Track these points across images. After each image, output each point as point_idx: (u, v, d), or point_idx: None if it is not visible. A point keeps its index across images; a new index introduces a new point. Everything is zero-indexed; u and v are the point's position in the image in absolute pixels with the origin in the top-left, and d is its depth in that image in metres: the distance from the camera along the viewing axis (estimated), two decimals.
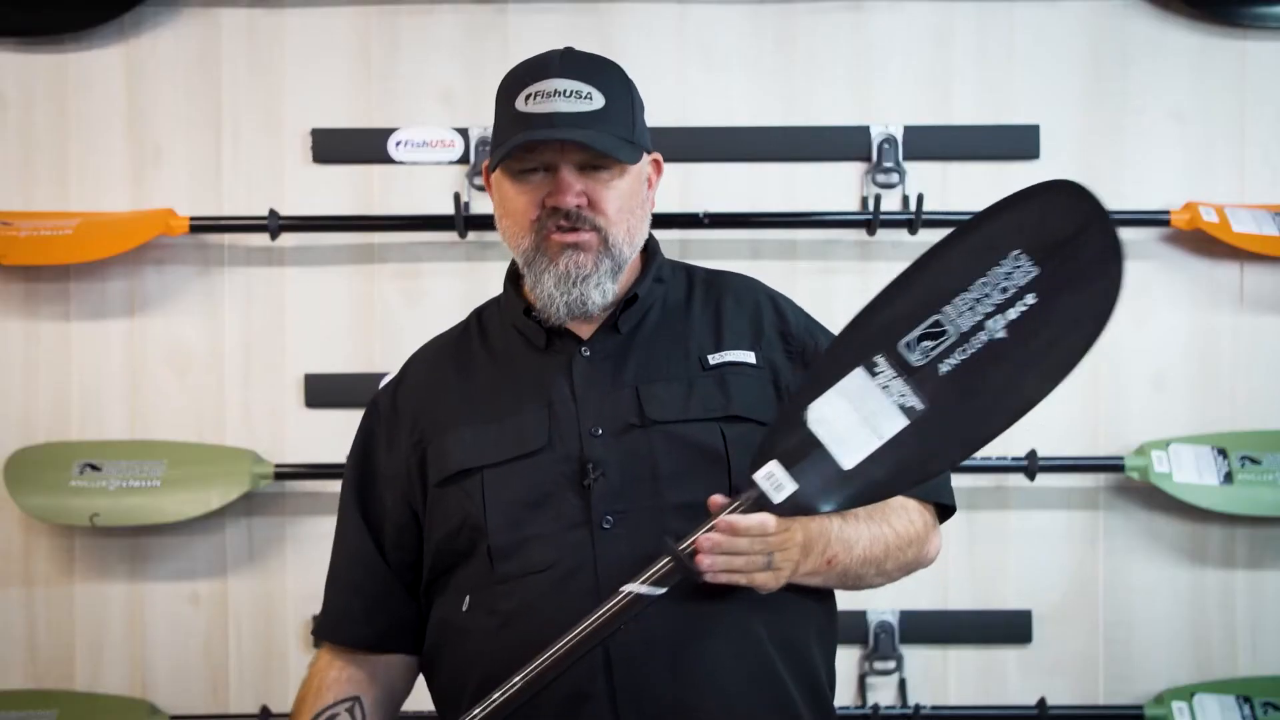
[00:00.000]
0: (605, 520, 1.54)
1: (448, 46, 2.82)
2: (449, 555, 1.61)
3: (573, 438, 1.58)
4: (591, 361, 1.63)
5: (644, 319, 1.66)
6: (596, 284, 1.59)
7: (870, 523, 1.60)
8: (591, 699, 1.50)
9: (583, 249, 1.58)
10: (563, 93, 1.57)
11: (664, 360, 1.63)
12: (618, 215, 1.59)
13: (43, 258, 2.69)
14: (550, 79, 1.58)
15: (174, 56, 2.82)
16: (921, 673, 2.81)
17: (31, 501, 2.72)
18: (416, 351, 1.77)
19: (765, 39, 2.82)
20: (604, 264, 1.59)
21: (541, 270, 1.59)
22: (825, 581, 1.58)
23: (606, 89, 1.59)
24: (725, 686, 1.52)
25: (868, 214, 2.72)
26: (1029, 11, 2.81)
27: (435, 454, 1.63)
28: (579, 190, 1.57)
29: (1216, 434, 2.77)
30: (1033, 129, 2.80)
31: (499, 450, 1.59)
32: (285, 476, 2.75)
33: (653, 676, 1.50)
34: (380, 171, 2.81)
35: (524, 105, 1.57)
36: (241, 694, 2.82)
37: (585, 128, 1.56)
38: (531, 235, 1.59)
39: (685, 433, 1.58)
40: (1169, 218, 2.72)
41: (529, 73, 1.60)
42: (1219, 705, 2.73)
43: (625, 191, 1.60)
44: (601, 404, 1.60)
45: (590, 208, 1.58)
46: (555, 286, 1.58)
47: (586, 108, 1.57)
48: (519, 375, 1.65)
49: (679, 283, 1.72)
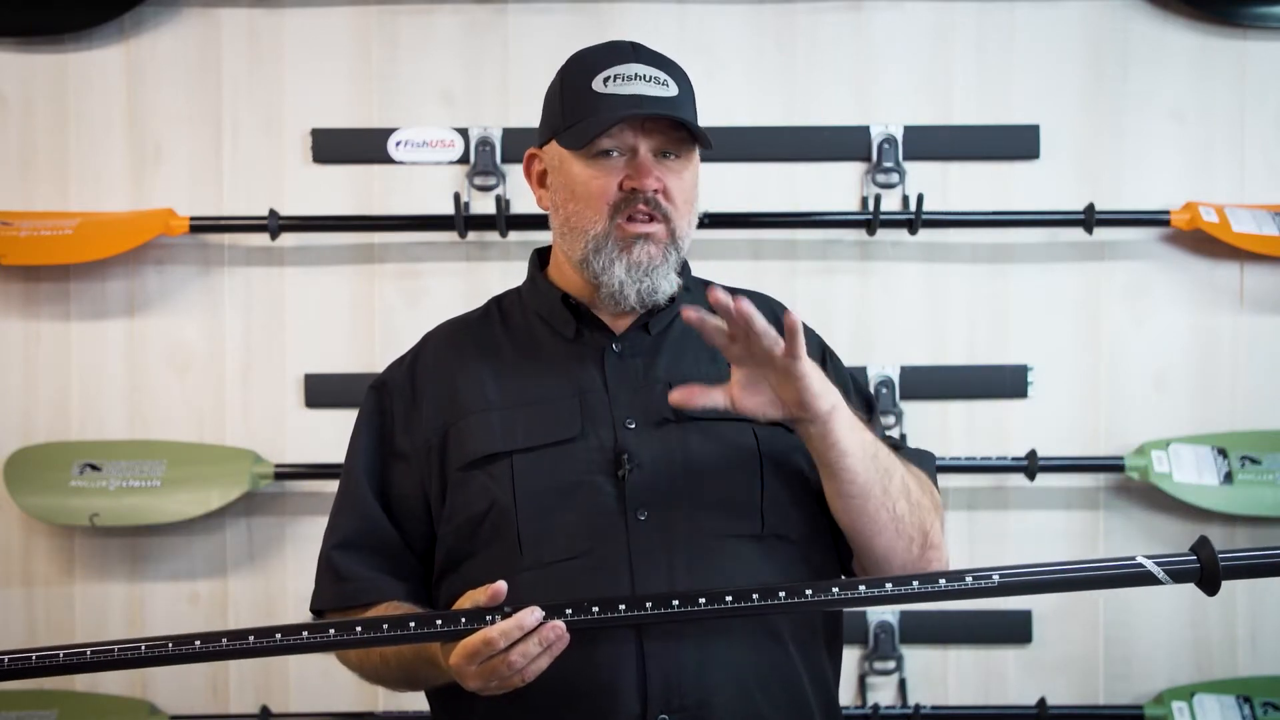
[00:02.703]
0: (640, 512, 1.54)
1: (448, 46, 2.82)
2: (469, 541, 1.59)
3: (606, 428, 1.58)
4: (622, 357, 1.63)
5: (671, 323, 1.67)
6: (665, 275, 1.62)
7: (885, 450, 1.57)
8: (622, 691, 1.50)
9: (653, 240, 1.60)
10: (643, 77, 1.60)
11: (693, 362, 1.64)
12: (684, 206, 1.63)
13: (43, 258, 2.69)
14: (631, 63, 1.60)
15: (174, 56, 2.82)
16: (921, 673, 2.81)
17: (31, 501, 2.72)
18: (432, 330, 1.76)
19: (765, 39, 2.82)
20: (671, 256, 1.62)
21: (613, 259, 1.60)
22: (846, 453, 1.51)
23: (679, 80, 1.63)
24: (749, 684, 1.52)
25: (868, 214, 2.72)
26: (1029, 11, 2.81)
27: (458, 436, 1.61)
28: (657, 176, 1.59)
29: (1216, 434, 2.77)
30: (1033, 129, 2.80)
31: (529, 436, 1.59)
32: (285, 476, 2.75)
33: (681, 671, 1.51)
34: (380, 171, 2.81)
35: (604, 87, 1.59)
36: (241, 694, 2.82)
37: (669, 112, 1.59)
38: (606, 220, 1.60)
39: (719, 430, 1.59)
40: (1169, 218, 2.72)
41: (606, 57, 1.62)
42: (1219, 705, 2.73)
43: (690, 183, 1.64)
44: (634, 397, 1.60)
45: (663, 194, 1.60)
46: (627, 274, 1.60)
47: (666, 93, 1.60)
48: (546, 362, 1.65)
49: (701, 294, 1.72)
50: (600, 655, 1.50)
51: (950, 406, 2.80)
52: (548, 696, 1.51)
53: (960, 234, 2.80)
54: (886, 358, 2.79)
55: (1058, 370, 2.80)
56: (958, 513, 2.79)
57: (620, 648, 1.50)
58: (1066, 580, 1.46)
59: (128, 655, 1.44)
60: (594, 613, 1.43)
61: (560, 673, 1.50)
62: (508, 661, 1.39)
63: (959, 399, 2.80)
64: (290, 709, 2.80)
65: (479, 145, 2.78)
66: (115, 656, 1.44)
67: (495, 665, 1.40)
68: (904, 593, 1.45)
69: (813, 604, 1.45)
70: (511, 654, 1.39)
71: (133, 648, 1.44)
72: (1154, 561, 1.42)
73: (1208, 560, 1.42)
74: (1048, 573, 1.46)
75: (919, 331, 2.81)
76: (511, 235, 2.76)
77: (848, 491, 1.53)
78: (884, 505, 1.54)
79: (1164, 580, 1.42)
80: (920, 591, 1.44)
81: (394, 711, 2.78)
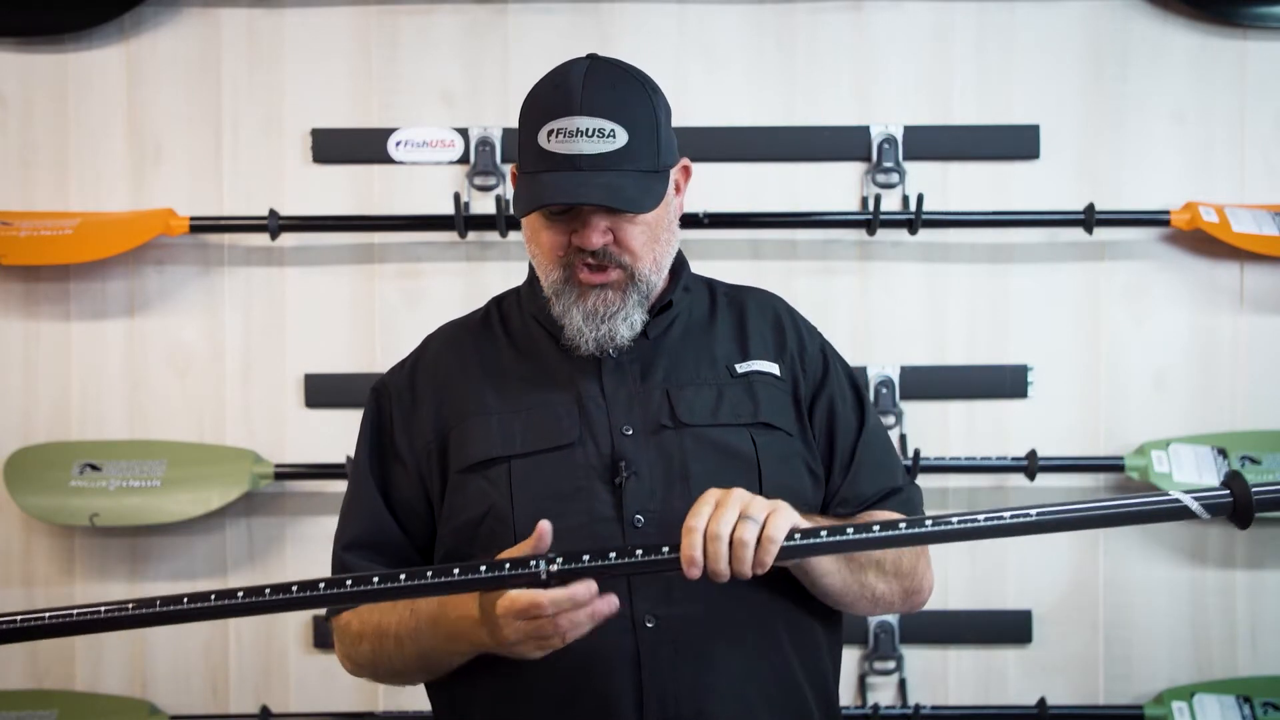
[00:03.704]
0: (637, 519, 1.54)
1: (448, 46, 2.82)
2: (467, 544, 1.59)
3: (604, 434, 1.58)
4: (619, 363, 1.63)
5: (670, 327, 1.67)
6: (625, 318, 1.60)
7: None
8: (618, 700, 1.50)
9: (610, 287, 1.59)
10: (585, 132, 1.55)
11: (692, 366, 1.64)
12: (644, 250, 1.60)
13: (43, 258, 2.69)
14: (573, 116, 1.56)
15: (174, 56, 2.82)
16: (921, 673, 2.81)
17: (31, 501, 2.72)
18: (433, 333, 1.76)
19: (765, 39, 2.82)
20: (631, 297, 1.60)
21: (570, 304, 1.60)
22: (826, 570, 1.54)
23: (630, 120, 1.57)
24: (747, 692, 1.53)
25: (867, 214, 2.72)
26: (1029, 11, 2.81)
27: (458, 439, 1.62)
28: (605, 228, 1.57)
29: (1216, 434, 2.77)
30: (1033, 129, 2.80)
31: (527, 441, 1.59)
32: (285, 476, 2.75)
33: (679, 679, 1.51)
34: (380, 171, 2.81)
35: (547, 143, 1.56)
36: (241, 694, 2.82)
37: (608, 169, 1.55)
38: (560, 270, 1.60)
39: (716, 436, 1.59)
40: (1169, 218, 2.72)
41: (553, 103, 1.58)
42: (1219, 705, 2.73)
43: (652, 224, 1.60)
44: (631, 403, 1.61)
45: (616, 244, 1.58)
46: (584, 322, 1.59)
47: (609, 147, 1.55)
48: (545, 368, 1.65)
49: (701, 295, 1.73)
50: (597, 663, 1.51)
51: (950, 406, 2.80)
52: (545, 704, 1.52)
53: (960, 234, 2.80)
54: (886, 358, 2.79)
55: (1058, 370, 2.80)
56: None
57: (617, 656, 1.50)
58: (1105, 516, 1.46)
59: (152, 612, 1.44)
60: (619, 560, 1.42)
61: (557, 681, 1.50)
62: (555, 624, 1.39)
63: (959, 399, 2.80)
64: (290, 709, 2.80)
65: (479, 145, 2.78)
66: (130, 613, 1.44)
67: (541, 625, 1.40)
68: (940, 530, 1.44)
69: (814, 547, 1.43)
70: (560, 619, 1.39)
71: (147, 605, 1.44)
72: (1191, 496, 1.44)
73: (1240, 493, 1.44)
74: (1086, 509, 1.46)
75: (919, 331, 2.81)
76: (511, 235, 2.76)
77: (824, 594, 1.58)
78: (861, 595, 1.60)
79: (1200, 514, 1.43)
80: (947, 530, 1.44)
81: (394, 711, 2.78)
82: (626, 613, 1.49)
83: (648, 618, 1.52)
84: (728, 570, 1.39)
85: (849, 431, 1.67)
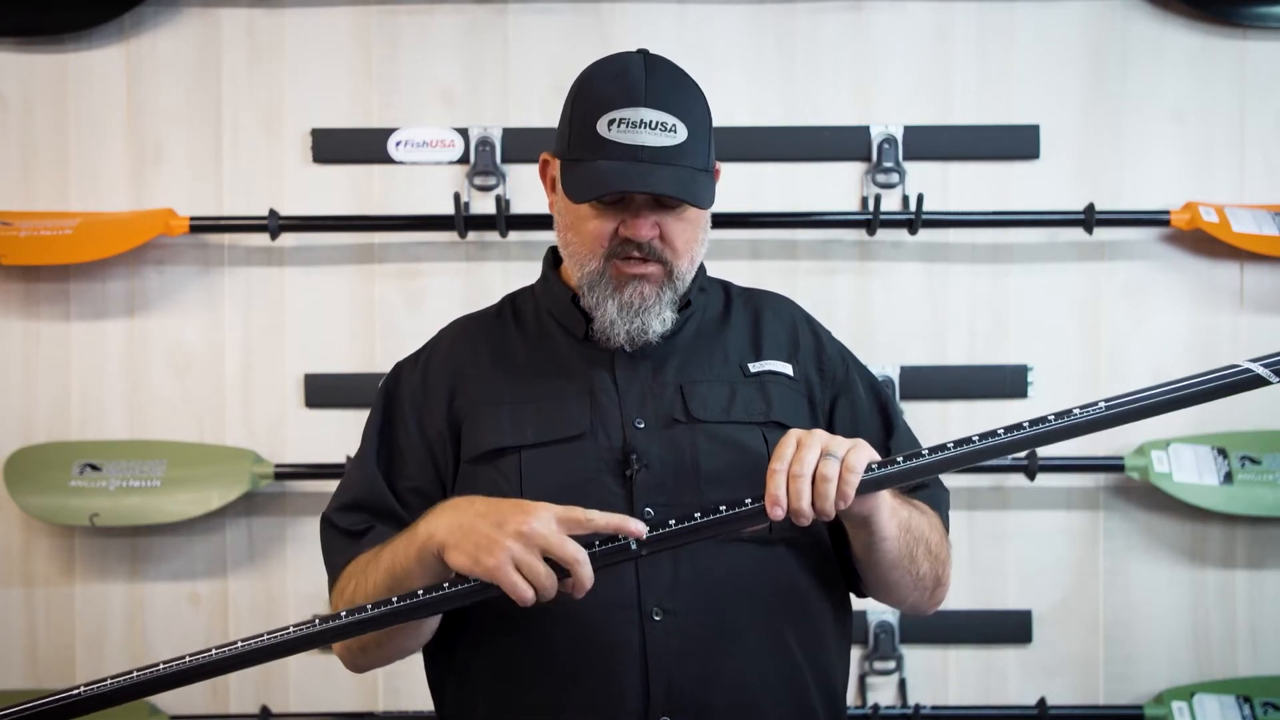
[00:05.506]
0: (646, 512, 1.54)
1: (448, 46, 2.82)
2: None
3: (615, 427, 1.59)
4: (633, 357, 1.63)
5: (684, 325, 1.67)
6: (658, 314, 1.60)
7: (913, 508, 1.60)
8: (625, 693, 1.50)
9: (648, 280, 1.59)
10: (649, 124, 1.56)
11: (705, 363, 1.65)
12: (685, 248, 1.60)
13: (43, 258, 2.69)
14: (638, 107, 1.56)
15: (174, 56, 2.82)
16: (921, 673, 2.81)
17: (31, 501, 2.72)
18: (446, 327, 1.76)
19: (765, 39, 2.82)
20: (666, 294, 1.61)
21: (605, 296, 1.60)
22: (889, 525, 1.53)
23: (689, 117, 1.58)
24: (754, 693, 1.53)
25: (868, 214, 2.72)
26: (1029, 11, 2.81)
27: (470, 430, 1.62)
28: (654, 222, 1.57)
29: (1216, 434, 2.77)
30: (1033, 129, 2.80)
31: (538, 432, 1.59)
32: (285, 476, 2.75)
33: (685, 671, 1.51)
34: (380, 171, 2.81)
35: (608, 132, 1.56)
36: (241, 694, 2.82)
37: (670, 163, 1.55)
38: (600, 260, 1.60)
39: (728, 433, 1.59)
40: (1169, 218, 2.72)
41: (613, 93, 1.57)
42: (1219, 705, 2.73)
43: (696, 222, 1.61)
44: (644, 398, 1.61)
45: (661, 239, 1.58)
46: (618, 314, 1.60)
47: (671, 141, 1.56)
48: (557, 360, 1.65)
49: (717, 295, 1.74)
50: (604, 655, 1.51)
51: (950, 406, 2.80)
52: (551, 697, 1.52)
53: (960, 234, 2.80)
54: (886, 358, 2.79)
55: (1058, 370, 2.80)
56: (958, 512, 2.77)
57: (624, 647, 1.51)
58: (1176, 399, 1.45)
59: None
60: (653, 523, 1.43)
61: (563, 674, 1.50)
62: (535, 553, 1.38)
63: (959, 399, 2.80)
64: (290, 709, 2.80)
65: (479, 145, 2.78)
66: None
67: (522, 548, 1.38)
68: (1013, 440, 1.45)
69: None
70: (538, 565, 1.38)
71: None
72: (1260, 364, 1.41)
73: None
74: (1157, 394, 1.46)
75: (919, 331, 2.81)
76: (511, 235, 2.76)
77: (877, 562, 1.57)
78: (909, 571, 1.59)
79: (1271, 379, 1.41)
80: (1016, 439, 1.44)
81: (394, 711, 2.78)
82: (634, 605, 1.50)
83: (655, 610, 1.52)
84: (810, 509, 1.40)
85: (873, 432, 1.67)
